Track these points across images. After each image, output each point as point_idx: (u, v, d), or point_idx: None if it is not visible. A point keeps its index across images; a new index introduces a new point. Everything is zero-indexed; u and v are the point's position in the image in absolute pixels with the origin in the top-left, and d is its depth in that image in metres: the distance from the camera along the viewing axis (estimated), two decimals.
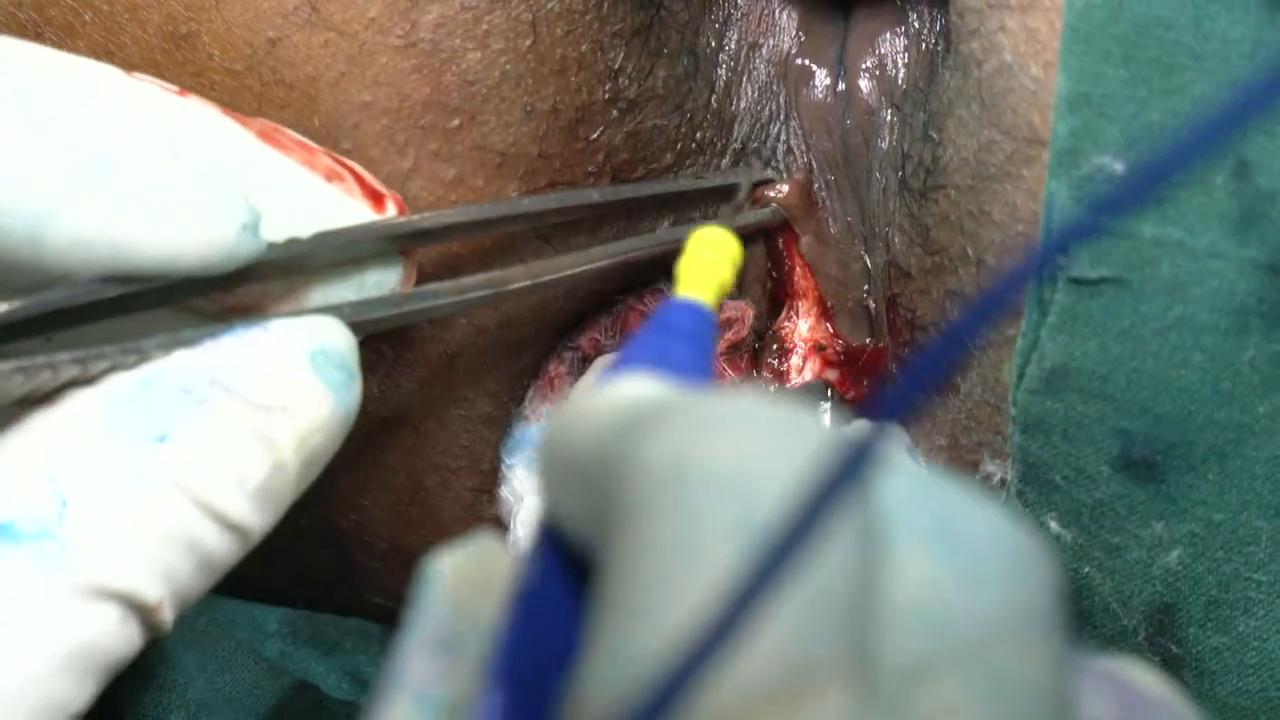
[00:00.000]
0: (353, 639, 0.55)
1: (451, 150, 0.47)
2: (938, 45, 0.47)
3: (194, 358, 0.38)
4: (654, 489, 0.27)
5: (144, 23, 0.47)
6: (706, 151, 0.50)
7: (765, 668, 0.24)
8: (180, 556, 0.37)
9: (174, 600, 0.37)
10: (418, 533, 0.53)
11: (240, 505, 0.38)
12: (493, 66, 0.46)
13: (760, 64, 0.50)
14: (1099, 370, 0.41)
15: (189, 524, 0.37)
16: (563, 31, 0.47)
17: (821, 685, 0.24)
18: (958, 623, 0.25)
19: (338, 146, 0.47)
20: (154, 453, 0.37)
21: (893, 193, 0.48)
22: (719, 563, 0.25)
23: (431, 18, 0.46)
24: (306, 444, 0.39)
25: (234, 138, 0.41)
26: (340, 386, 0.40)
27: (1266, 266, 0.39)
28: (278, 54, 0.46)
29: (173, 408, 0.38)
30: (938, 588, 0.25)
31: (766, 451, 0.26)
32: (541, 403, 0.51)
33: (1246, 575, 0.42)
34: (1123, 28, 0.39)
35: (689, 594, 0.25)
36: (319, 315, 0.41)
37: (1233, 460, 0.41)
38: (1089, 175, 0.40)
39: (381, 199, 0.43)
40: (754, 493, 0.26)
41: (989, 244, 0.43)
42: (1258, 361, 0.40)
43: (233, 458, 0.38)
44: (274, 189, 0.41)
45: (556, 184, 0.48)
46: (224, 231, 0.39)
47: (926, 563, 0.25)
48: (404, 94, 0.46)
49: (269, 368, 0.39)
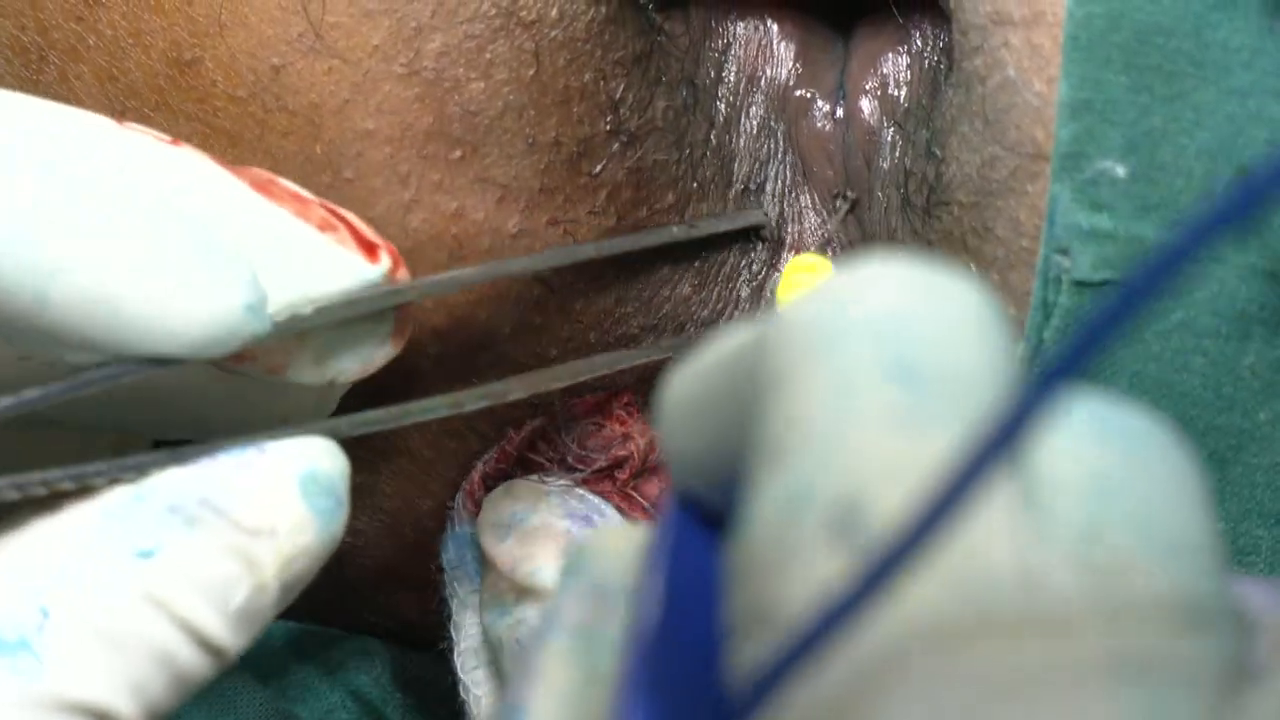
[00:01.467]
0: (356, 658, 0.55)
1: (453, 182, 0.47)
2: (940, 63, 0.48)
3: (187, 476, 0.39)
4: (803, 347, 0.27)
5: (148, 48, 0.47)
6: (709, 192, 0.51)
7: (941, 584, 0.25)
8: (156, 673, 0.37)
9: (146, 716, 0.38)
10: (412, 554, 0.53)
11: (219, 626, 0.38)
12: (495, 97, 0.46)
13: (759, 98, 0.51)
14: (1099, 372, 0.41)
15: (167, 641, 0.38)
16: (565, 61, 0.47)
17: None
18: (1125, 490, 0.26)
19: (339, 175, 0.47)
20: (138, 568, 0.38)
21: (895, 210, 0.48)
22: (882, 403, 0.26)
23: (435, 46, 0.46)
24: (289, 568, 0.39)
25: (228, 190, 0.41)
26: (327, 513, 0.40)
27: (1267, 273, 0.40)
28: (281, 81, 0.47)
29: (161, 525, 0.38)
30: (1102, 462, 0.26)
31: (917, 299, 0.27)
32: (465, 507, 0.51)
33: None
34: (1123, 36, 0.40)
35: (854, 436, 0.25)
36: (314, 437, 0.41)
37: (1233, 467, 0.42)
38: (1092, 179, 0.41)
39: (375, 249, 0.43)
40: (913, 334, 0.26)
41: (992, 259, 0.44)
42: (1259, 368, 0.41)
43: (216, 578, 0.38)
44: (268, 242, 0.41)
45: (558, 221, 0.48)
46: (230, 311, 0.39)
47: (1089, 444, 0.26)
48: (407, 123, 0.46)
49: (260, 492, 0.39)
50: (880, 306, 0.27)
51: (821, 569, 0.25)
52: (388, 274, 0.43)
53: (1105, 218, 0.41)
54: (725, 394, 0.29)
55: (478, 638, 0.50)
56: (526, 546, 0.48)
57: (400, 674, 0.56)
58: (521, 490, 0.49)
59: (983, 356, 0.27)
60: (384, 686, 0.55)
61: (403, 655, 0.56)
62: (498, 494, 0.50)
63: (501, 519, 0.49)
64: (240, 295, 0.39)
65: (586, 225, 0.48)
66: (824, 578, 0.24)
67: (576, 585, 0.30)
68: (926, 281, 0.27)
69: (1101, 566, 0.25)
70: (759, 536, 0.26)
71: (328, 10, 0.46)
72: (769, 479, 0.26)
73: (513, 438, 0.50)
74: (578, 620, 0.29)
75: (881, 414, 0.26)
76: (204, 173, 0.41)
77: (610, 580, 0.30)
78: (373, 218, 0.47)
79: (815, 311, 0.27)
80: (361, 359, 0.44)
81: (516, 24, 0.46)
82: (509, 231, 0.48)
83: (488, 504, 0.50)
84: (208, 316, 0.39)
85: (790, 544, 0.25)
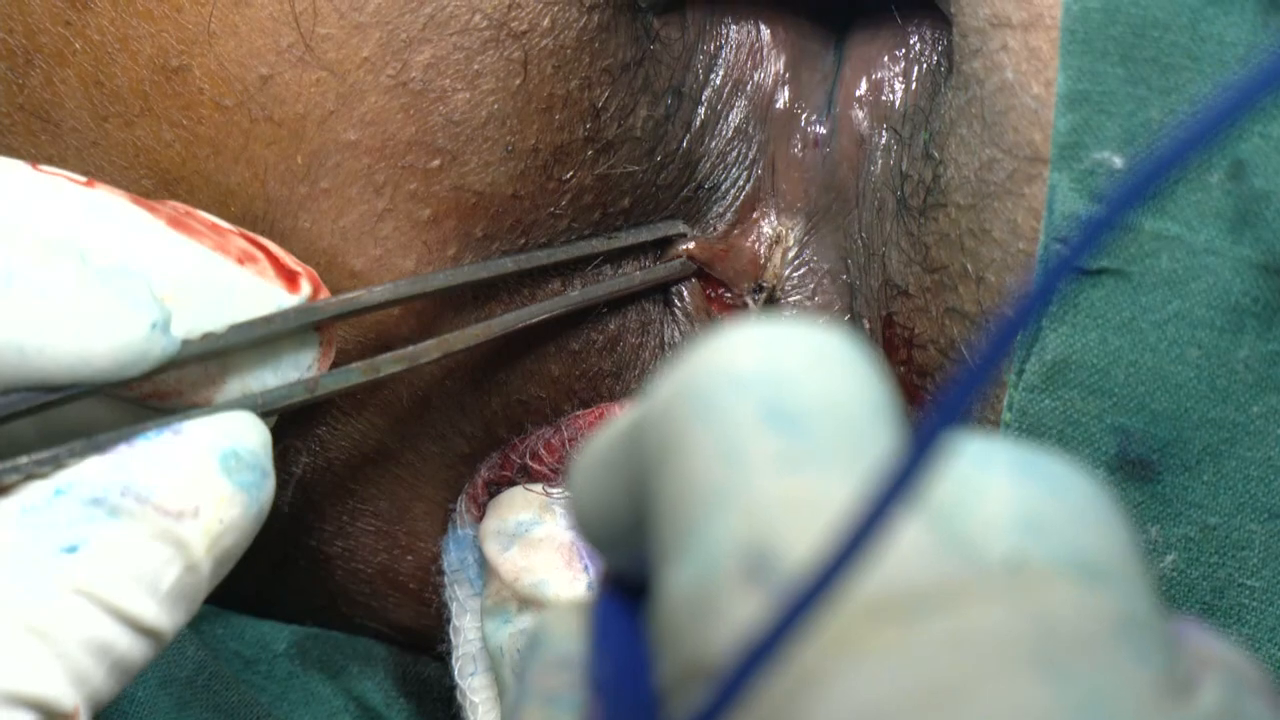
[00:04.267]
0: (358, 664, 0.54)
1: (429, 190, 0.47)
2: (940, 65, 0.48)
3: (106, 466, 0.39)
4: (680, 416, 0.28)
5: (135, 54, 0.47)
6: (664, 195, 0.51)
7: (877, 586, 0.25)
8: (94, 663, 0.38)
9: (90, 705, 0.38)
10: (405, 558, 0.52)
11: (152, 610, 0.39)
12: (480, 106, 0.47)
13: (741, 102, 0.51)
14: (1098, 363, 0.42)
15: (101, 631, 0.38)
16: (553, 69, 0.47)
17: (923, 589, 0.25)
18: (1050, 523, 0.26)
19: (316, 185, 0.47)
20: (63, 564, 0.38)
21: (889, 214, 0.49)
22: (766, 451, 0.27)
23: (424, 58, 0.46)
24: (219, 544, 0.40)
25: (144, 228, 0.42)
26: (252, 486, 0.41)
27: (1260, 266, 0.41)
28: (268, 91, 0.47)
29: (83, 519, 0.38)
30: (1027, 497, 0.27)
31: (778, 350, 0.28)
32: (468, 510, 0.51)
33: (1240, 581, 0.43)
34: (1120, 29, 0.41)
35: (747, 486, 0.26)
36: (231, 412, 0.42)
37: (1227, 460, 0.42)
38: (1089, 169, 0.41)
39: (295, 278, 0.44)
40: (781, 382, 0.27)
41: (989, 261, 0.44)
42: (1252, 361, 0.42)
43: (144, 564, 0.39)
44: (186, 278, 0.41)
45: (521, 223, 0.48)
46: (133, 333, 0.40)
47: (1011, 481, 0.27)
48: (389, 133, 0.46)
49: (180, 474, 0.40)
50: (746, 363, 0.28)
51: (741, 612, 0.25)
52: (308, 301, 0.44)
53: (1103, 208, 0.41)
54: (623, 470, 0.30)
55: (477, 643, 0.49)
56: (530, 557, 0.48)
57: (403, 678, 0.55)
58: (526, 499, 0.49)
59: (848, 386, 0.28)
60: (387, 691, 0.54)
61: (405, 659, 0.55)
62: (502, 501, 0.49)
63: (506, 527, 0.49)
64: (143, 316, 0.40)
65: (544, 227, 0.49)
66: (745, 619, 0.25)
67: (540, 656, 0.31)
68: (783, 333, 0.28)
69: (1029, 586, 0.25)
70: (677, 598, 0.27)
71: (319, 22, 0.46)
72: (675, 544, 0.27)
73: (516, 445, 0.50)
74: (544, 688, 0.31)
75: (768, 461, 0.27)
76: (118, 211, 0.41)
77: (568, 651, 0.31)
78: (345, 226, 0.47)
79: (686, 379, 0.28)
80: (289, 389, 0.44)
81: (507, 35, 0.47)
82: (475, 236, 0.48)
83: (492, 510, 0.49)
84: (113, 340, 0.39)
85: (708, 598, 0.26)
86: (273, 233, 0.47)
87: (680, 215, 0.52)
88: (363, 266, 0.47)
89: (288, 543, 0.52)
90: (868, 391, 0.28)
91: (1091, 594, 0.25)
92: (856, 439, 0.27)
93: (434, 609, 0.52)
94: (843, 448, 0.27)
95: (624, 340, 0.51)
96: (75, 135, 0.48)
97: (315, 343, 0.45)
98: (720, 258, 0.52)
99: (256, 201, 0.47)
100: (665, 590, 0.27)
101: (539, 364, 0.50)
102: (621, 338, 0.51)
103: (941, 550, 0.26)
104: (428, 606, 0.52)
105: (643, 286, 0.51)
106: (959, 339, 0.45)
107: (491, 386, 0.50)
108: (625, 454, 0.30)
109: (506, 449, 0.50)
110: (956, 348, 0.45)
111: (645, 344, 0.51)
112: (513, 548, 0.48)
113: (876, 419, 0.28)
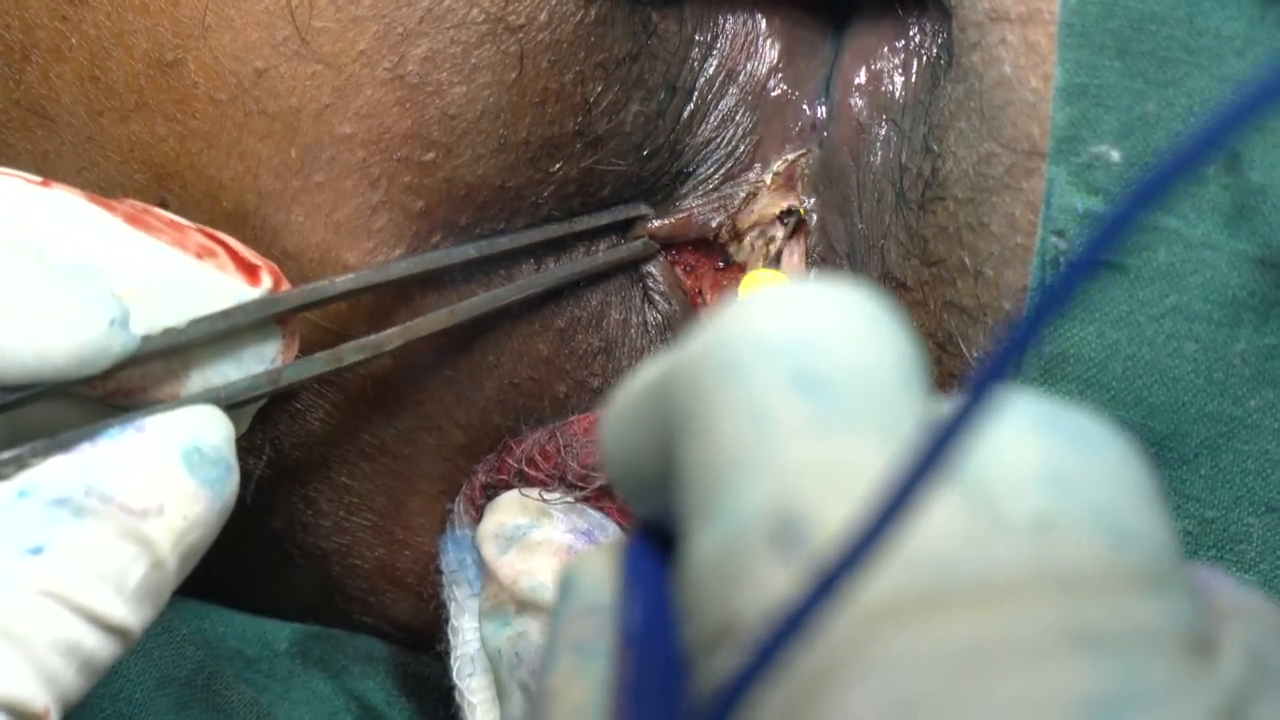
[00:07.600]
0: (360, 663, 0.54)
1: (422, 183, 0.47)
2: (939, 58, 0.48)
3: (69, 465, 0.39)
4: (709, 380, 0.28)
5: (131, 49, 0.47)
6: (645, 182, 0.51)
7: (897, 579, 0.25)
8: (63, 662, 0.38)
9: (60, 704, 0.38)
10: (402, 553, 0.52)
11: (119, 608, 0.39)
12: (476, 100, 0.47)
13: (732, 90, 0.51)
14: (1096, 357, 0.42)
15: (70, 631, 0.38)
16: (549, 63, 0.47)
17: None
18: (1075, 481, 0.26)
19: (310, 179, 0.47)
20: (29, 565, 0.38)
21: (889, 206, 0.49)
22: (795, 416, 0.26)
23: (420, 51, 0.46)
24: (183, 541, 0.40)
25: (100, 225, 0.42)
26: (215, 482, 0.41)
27: (1257, 260, 0.41)
28: (264, 84, 0.47)
29: (48, 520, 0.39)
30: (1050, 455, 0.27)
31: (805, 314, 0.28)
32: (465, 512, 0.51)
33: (1237, 574, 0.43)
34: (1117, 23, 0.41)
35: (776, 452, 0.26)
36: (194, 407, 0.42)
37: (1224, 454, 0.42)
38: (1087, 163, 0.41)
39: (255, 271, 0.44)
40: (809, 347, 0.27)
41: (987, 255, 0.44)
42: (1249, 355, 0.41)
43: (109, 563, 0.39)
44: (144, 274, 0.42)
45: (504, 211, 0.48)
46: (92, 331, 0.40)
47: (1037, 436, 0.27)
48: (385, 126, 0.46)
49: (144, 472, 0.40)
50: (776, 327, 0.28)
51: (771, 581, 0.25)
52: (269, 294, 0.44)
53: (1100, 201, 0.41)
54: (650, 424, 0.30)
55: (475, 644, 0.49)
56: (528, 560, 0.48)
57: (404, 677, 0.55)
58: (523, 504, 0.49)
59: (878, 352, 0.27)
60: (388, 690, 0.54)
61: (406, 658, 0.55)
62: (500, 504, 0.49)
63: (504, 530, 0.49)
64: (102, 313, 0.40)
65: (525, 215, 0.49)
66: (775, 589, 0.25)
67: (570, 606, 0.31)
68: (811, 296, 0.28)
69: (1056, 549, 0.25)
70: (704, 561, 0.26)
71: (315, 15, 0.46)
72: (703, 506, 0.27)
73: (512, 448, 0.50)
74: (575, 639, 0.31)
75: (796, 426, 0.26)
76: (75, 210, 0.41)
77: (597, 599, 0.31)
78: (338, 219, 0.47)
79: (714, 344, 0.28)
80: (253, 381, 0.44)
81: (504, 29, 0.47)
82: (460, 224, 0.48)
83: (490, 512, 0.49)
84: (72, 338, 0.39)
85: (735, 563, 0.26)
86: (265, 227, 0.47)
87: (653, 197, 0.52)
88: (356, 259, 0.47)
89: (285, 540, 0.52)
90: (897, 357, 0.28)
91: (1120, 555, 0.25)
92: (886, 405, 0.27)
93: (432, 605, 0.52)
94: (872, 413, 0.27)
95: (608, 315, 0.51)
96: (70, 130, 0.48)
97: (278, 335, 0.45)
98: (680, 228, 0.52)
99: (249, 196, 0.47)
100: (693, 552, 0.27)
101: (527, 344, 0.50)
102: (605, 313, 0.51)
103: (967, 510, 0.25)
104: (426, 603, 0.52)
105: (605, 266, 0.51)
106: (956, 332, 0.45)
107: (482, 371, 0.50)
108: (652, 409, 0.30)
109: (503, 452, 0.50)
110: (954, 341, 0.45)
111: (630, 320, 0.51)
112: (511, 550, 0.48)
113: (906, 384, 0.27)
